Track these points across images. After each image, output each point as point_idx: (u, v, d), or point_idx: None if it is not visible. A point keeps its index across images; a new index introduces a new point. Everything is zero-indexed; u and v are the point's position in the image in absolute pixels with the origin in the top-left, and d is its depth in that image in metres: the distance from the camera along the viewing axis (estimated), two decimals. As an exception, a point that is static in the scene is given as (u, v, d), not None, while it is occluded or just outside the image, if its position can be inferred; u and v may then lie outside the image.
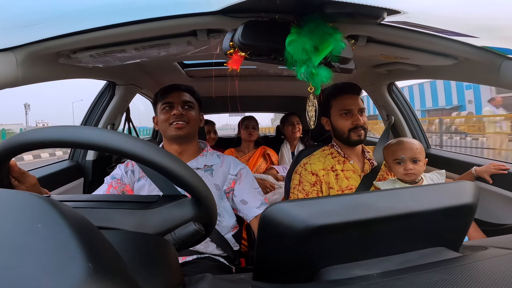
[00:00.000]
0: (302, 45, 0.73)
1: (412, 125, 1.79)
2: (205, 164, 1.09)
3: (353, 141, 1.16)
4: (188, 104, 1.10)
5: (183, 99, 1.09)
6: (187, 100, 1.10)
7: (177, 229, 0.46)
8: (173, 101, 1.08)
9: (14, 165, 0.57)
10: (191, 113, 1.09)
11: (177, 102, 1.08)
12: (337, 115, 1.18)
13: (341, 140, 1.20)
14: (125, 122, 1.94)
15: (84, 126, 0.43)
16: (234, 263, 1.08)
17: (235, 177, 1.10)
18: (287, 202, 0.41)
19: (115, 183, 1.04)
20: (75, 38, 0.80)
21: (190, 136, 1.09)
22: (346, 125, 1.16)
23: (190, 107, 1.10)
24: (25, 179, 0.60)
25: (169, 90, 1.11)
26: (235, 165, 1.13)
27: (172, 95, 1.09)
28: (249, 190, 1.09)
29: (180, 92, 1.11)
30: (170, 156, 0.41)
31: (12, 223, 0.27)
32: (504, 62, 0.89)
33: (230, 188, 1.09)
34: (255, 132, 2.26)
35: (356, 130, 1.15)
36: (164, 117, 1.07)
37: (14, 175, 0.58)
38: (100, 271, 0.24)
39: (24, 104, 25.10)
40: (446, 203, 0.44)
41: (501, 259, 0.42)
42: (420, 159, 1.07)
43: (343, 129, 1.17)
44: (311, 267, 0.42)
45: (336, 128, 1.20)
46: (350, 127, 1.15)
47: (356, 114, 1.15)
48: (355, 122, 1.15)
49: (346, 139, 1.17)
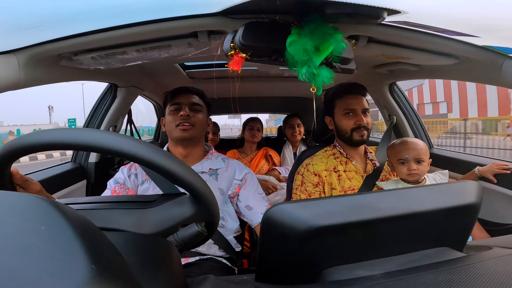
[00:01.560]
0: (303, 46, 0.73)
1: (414, 125, 1.79)
2: (210, 168, 1.08)
3: (356, 141, 1.16)
4: (196, 106, 1.09)
5: (191, 101, 1.08)
6: (195, 102, 1.09)
7: (180, 230, 0.46)
8: (181, 102, 1.07)
9: (16, 173, 0.57)
10: (198, 116, 1.08)
11: (185, 103, 1.07)
12: (340, 115, 1.18)
13: (344, 140, 1.20)
14: (127, 124, 1.94)
15: (85, 128, 0.43)
16: (237, 264, 1.07)
17: (240, 182, 1.10)
18: (290, 203, 0.41)
19: (118, 188, 1.03)
20: (77, 40, 0.80)
21: (195, 139, 1.08)
22: (349, 125, 1.16)
23: (198, 110, 1.09)
24: (29, 186, 0.60)
25: (178, 92, 1.10)
26: (240, 169, 1.12)
27: (180, 97, 1.09)
28: (254, 196, 1.09)
29: (189, 94, 1.10)
30: (164, 153, 0.41)
31: (16, 225, 0.27)
32: (506, 62, 0.88)
33: (235, 193, 1.09)
34: (259, 134, 2.26)
35: (359, 130, 1.15)
36: (171, 118, 1.07)
37: (18, 183, 0.58)
38: (103, 272, 0.24)
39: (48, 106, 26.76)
40: (449, 203, 0.44)
41: (505, 259, 0.42)
42: (424, 159, 1.06)
43: (346, 128, 1.17)
44: (313, 268, 0.42)
45: (339, 128, 1.20)
46: (353, 127, 1.15)
47: (360, 114, 1.15)
48: (358, 122, 1.14)
49: (349, 139, 1.17)
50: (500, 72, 0.90)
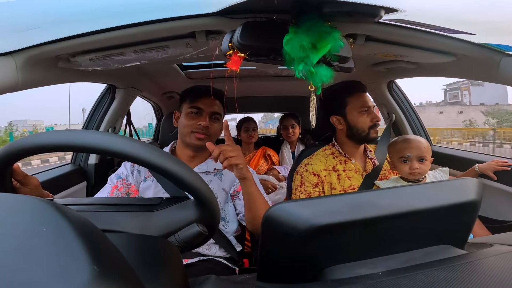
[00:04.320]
0: (299, 42, 0.72)
1: (413, 123, 1.79)
2: (215, 168, 1.07)
3: (372, 138, 1.15)
4: (216, 115, 1.05)
5: (213, 109, 1.04)
6: (216, 111, 1.05)
7: (181, 230, 0.46)
8: (203, 109, 1.03)
9: (18, 169, 0.58)
10: (216, 126, 1.05)
11: (206, 111, 1.03)
12: (356, 113, 1.14)
13: (358, 138, 1.16)
14: (126, 125, 1.94)
15: (85, 130, 0.43)
16: (237, 264, 1.07)
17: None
18: (290, 202, 0.41)
19: (120, 183, 1.01)
20: (74, 41, 0.80)
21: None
22: (367, 123, 1.14)
23: (217, 119, 1.05)
24: (28, 181, 0.61)
25: (201, 93, 1.05)
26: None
27: (203, 101, 1.04)
28: None
29: (212, 99, 1.05)
30: (174, 160, 0.41)
31: (17, 227, 0.27)
32: (503, 59, 0.88)
33: (236, 192, 1.08)
34: (255, 134, 2.25)
35: (375, 127, 1.14)
36: (187, 122, 1.03)
37: (18, 178, 0.59)
38: (105, 273, 0.24)
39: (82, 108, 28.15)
40: (449, 200, 0.44)
41: (507, 256, 0.42)
42: (426, 158, 1.04)
43: (363, 126, 1.14)
44: (315, 267, 0.42)
45: (354, 126, 1.15)
46: (370, 124, 1.14)
47: (373, 112, 1.15)
48: (374, 119, 1.14)
49: (365, 137, 1.15)
50: (498, 69, 0.90)
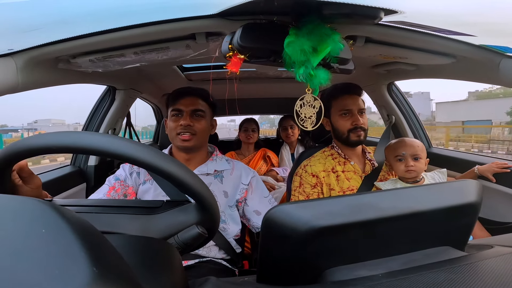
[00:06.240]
0: (300, 46, 0.73)
1: (413, 125, 1.79)
2: (215, 170, 1.06)
3: (352, 141, 1.16)
4: (198, 112, 1.04)
5: (194, 107, 1.03)
6: (197, 108, 1.03)
7: (180, 232, 0.46)
8: (182, 109, 1.03)
9: (25, 166, 0.57)
10: (200, 123, 1.03)
11: (186, 110, 1.02)
12: (337, 115, 1.18)
13: (341, 140, 1.20)
14: (126, 127, 1.94)
15: (85, 132, 0.43)
16: (237, 265, 1.07)
17: (247, 186, 1.07)
18: (290, 204, 0.41)
19: (118, 184, 1.00)
20: (74, 43, 0.80)
21: (197, 147, 1.05)
22: (346, 126, 1.16)
23: (200, 116, 1.04)
24: (32, 180, 0.60)
25: (180, 94, 1.04)
26: (246, 173, 1.10)
27: (182, 101, 1.03)
28: (261, 200, 1.08)
29: (191, 98, 1.04)
30: (176, 163, 0.41)
31: (16, 228, 0.26)
32: (503, 60, 0.89)
33: (243, 198, 1.07)
34: (254, 135, 2.25)
35: (356, 130, 1.15)
36: (172, 125, 1.03)
37: (23, 175, 0.58)
38: (104, 275, 0.24)
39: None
40: (449, 202, 0.44)
41: (507, 258, 0.42)
42: (421, 156, 1.07)
43: (343, 129, 1.17)
44: (315, 269, 0.42)
45: (336, 129, 1.20)
46: (350, 127, 1.15)
47: (356, 115, 1.15)
48: (354, 122, 1.15)
49: (346, 139, 1.18)
50: (497, 71, 0.90)
